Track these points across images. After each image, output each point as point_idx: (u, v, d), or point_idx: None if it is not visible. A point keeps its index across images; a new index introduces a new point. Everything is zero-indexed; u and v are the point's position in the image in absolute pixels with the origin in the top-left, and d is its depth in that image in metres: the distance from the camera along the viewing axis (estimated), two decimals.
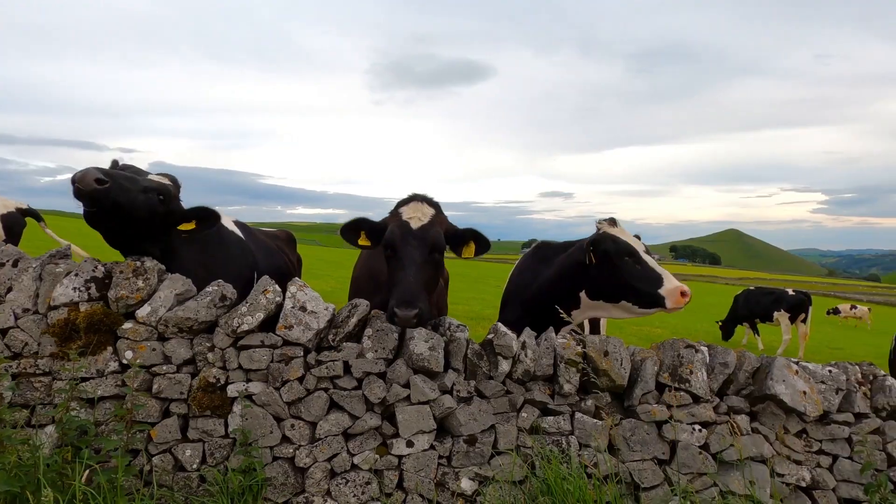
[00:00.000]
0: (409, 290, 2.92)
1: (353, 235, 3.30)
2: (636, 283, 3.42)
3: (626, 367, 3.24)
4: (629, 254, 3.47)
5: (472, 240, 3.32)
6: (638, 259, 3.45)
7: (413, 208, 3.21)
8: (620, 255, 3.51)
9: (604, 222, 3.61)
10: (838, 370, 3.36)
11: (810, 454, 3.28)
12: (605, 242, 3.60)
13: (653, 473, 3.14)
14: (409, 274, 2.98)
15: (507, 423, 3.19)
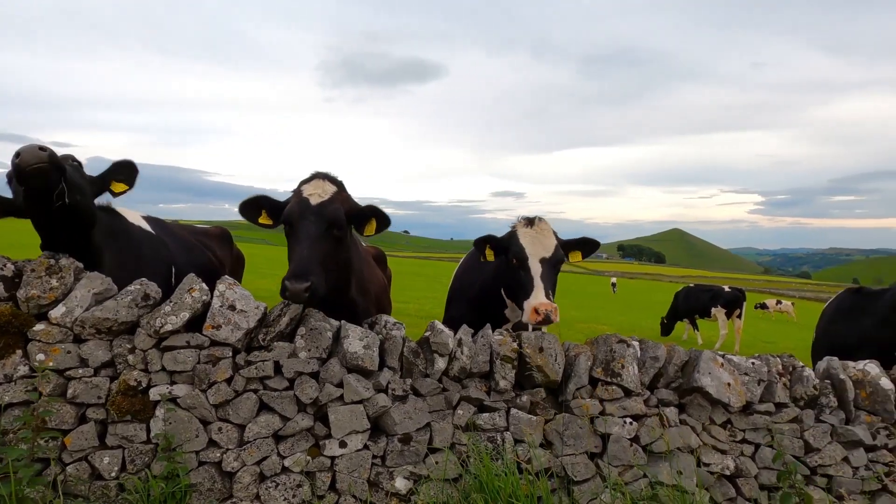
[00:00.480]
0: (302, 263, 2.86)
1: (253, 213, 3.24)
2: (516, 290, 3.47)
3: (560, 362, 3.28)
4: (517, 258, 3.48)
5: (374, 217, 3.28)
6: (523, 265, 3.45)
7: (314, 185, 3.16)
8: (510, 259, 3.53)
9: (521, 221, 3.63)
10: (761, 362, 3.50)
11: (734, 443, 3.40)
12: (501, 242, 3.64)
13: (585, 467, 3.19)
14: (303, 247, 2.93)
15: (442, 420, 3.17)
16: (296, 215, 3.06)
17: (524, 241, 3.51)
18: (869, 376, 3.62)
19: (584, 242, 3.76)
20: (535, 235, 3.52)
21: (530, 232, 3.54)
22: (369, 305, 3.68)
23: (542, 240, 3.52)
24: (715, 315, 15.93)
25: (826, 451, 3.43)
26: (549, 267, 3.47)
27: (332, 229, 3.09)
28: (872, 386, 3.58)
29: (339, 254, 3.16)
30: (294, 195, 3.20)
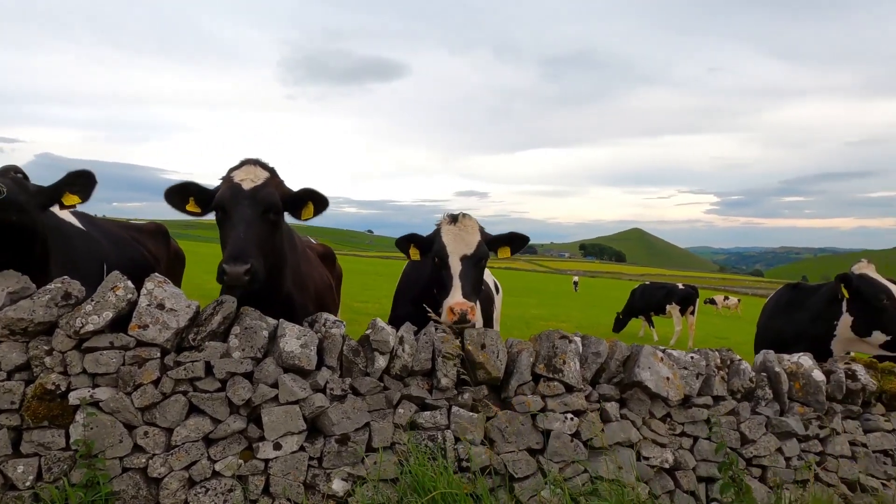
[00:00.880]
0: (239, 246, 2.79)
1: (179, 201, 3.11)
2: (438, 290, 3.42)
3: (502, 359, 3.26)
4: (438, 257, 3.44)
5: (310, 200, 3.20)
6: (444, 264, 3.40)
7: (245, 171, 3.07)
8: (432, 258, 3.50)
9: (445, 218, 3.59)
10: (699, 356, 3.56)
11: (674, 437, 3.45)
12: (424, 241, 3.61)
13: (526, 464, 3.18)
14: (239, 231, 2.86)
15: (383, 420, 3.11)
16: (229, 200, 2.97)
17: (446, 238, 3.45)
18: (802, 368, 3.72)
19: (512, 238, 3.73)
20: (457, 233, 3.46)
21: (453, 229, 3.48)
22: (307, 302, 3.59)
23: (464, 237, 3.46)
24: (670, 312, 16.31)
25: (761, 443, 3.51)
26: (471, 265, 3.41)
27: (268, 213, 3.02)
28: (805, 378, 3.68)
29: (274, 239, 3.10)
30: (224, 181, 3.09)
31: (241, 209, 2.93)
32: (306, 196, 3.20)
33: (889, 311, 3.97)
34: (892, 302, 3.96)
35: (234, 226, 2.89)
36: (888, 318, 3.97)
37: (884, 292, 4.01)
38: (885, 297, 4.01)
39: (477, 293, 3.48)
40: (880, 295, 4.03)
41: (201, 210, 3.13)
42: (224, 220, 2.98)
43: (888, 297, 4.00)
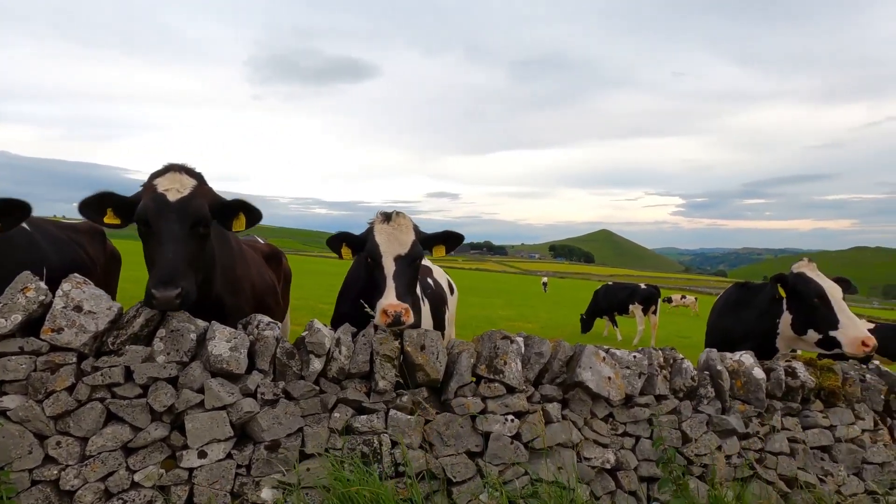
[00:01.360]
0: (169, 268, 2.62)
1: (95, 212, 2.87)
2: (372, 291, 3.33)
3: (442, 360, 3.19)
4: (371, 257, 3.36)
5: (242, 211, 3.05)
6: (377, 264, 3.32)
7: (170, 179, 2.86)
8: (365, 257, 3.42)
9: (378, 216, 3.50)
10: (642, 355, 3.54)
11: (616, 437, 3.42)
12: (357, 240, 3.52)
13: (465, 467, 3.11)
14: (168, 250, 2.67)
15: (317, 424, 3.01)
16: (153, 214, 2.76)
17: (379, 238, 3.37)
18: (743, 367, 3.74)
19: (447, 237, 3.67)
20: (391, 232, 3.38)
21: (386, 228, 3.40)
22: (243, 304, 3.45)
23: (398, 236, 3.38)
24: (632, 311, 16.53)
25: (702, 441, 3.51)
26: (405, 265, 3.33)
27: (198, 227, 2.84)
28: (746, 376, 3.71)
29: (205, 252, 2.93)
30: (146, 190, 2.88)
31: (168, 225, 2.73)
32: (238, 207, 3.04)
33: (820, 309, 4.03)
34: (824, 301, 4.02)
35: (161, 244, 2.70)
36: (820, 316, 4.03)
37: (815, 291, 4.07)
38: (816, 297, 4.07)
39: (412, 294, 3.40)
40: (812, 294, 4.09)
41: (121, 221, 2.91)
42: (148, 236, 2.78)
43: (818, 297, 4.06)
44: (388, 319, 3.13)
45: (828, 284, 4.06)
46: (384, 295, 3.24)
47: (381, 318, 3.16)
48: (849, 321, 3.94)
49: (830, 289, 4.03)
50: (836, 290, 4.03)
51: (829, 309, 3.99)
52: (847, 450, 3.78)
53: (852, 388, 3.91)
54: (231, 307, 3.33)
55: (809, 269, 4.16)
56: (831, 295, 4.02)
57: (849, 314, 3.97)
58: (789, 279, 4.25)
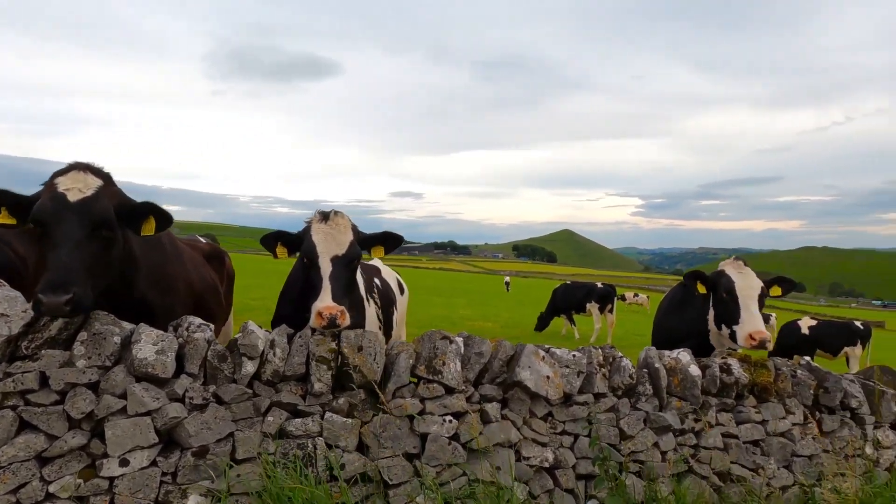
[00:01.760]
0: (61, 273, 2.47)
1: None
2: (308, 292, 3.27)
3: (379, 361, 3.15)
4: (308, 257, 3.31)
5: (151, 214, 2.93)
6: (314, 264, 3.26)
7: (72, 178, 2.71)
8: (302, 258, 3.36)
9: (316, 216, 3.45)
10: (582, 354, 3.58)
11: (555, 435, 3.44)
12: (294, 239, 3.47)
13: (402, 469, 3.08)
14: (62, 253, 2.52)
15: (250, 429, 2.92)
16: (50, 214, 2.59)
17: (316, 237, 3.31)
18: (680, 364, 3.82)
19: (386, 238, 3.63)
20: (329, 231, 3.32)
21: (324, 228, 3.34)
22: (175, 305, 3.34)
23: (336, 236, 3.33)
24: (589, 310, 16.80)
25: (639, 438, 3.57)
26: (343, 265, 3.28)
27: (100, 230, 2.68)
28: (683, 373, 3.78)
29: (111, 256, 2.77)
30: (46, 189, 2.72)
31: (65, 226, 2.57)
32: (147, 210, 2.90)
33: (729, 304, 4.15)
34: (732, 296, 4.14)
35: (56, 246, 2.54)
36: (728, 312, 4.16)
37: (725, 287, 4.19)
38: (725, 292, 4.19)
39: (350, 295, 3.34)
40: (722, 289, 4.21)
41: (16, 221, 2.74)
42: (44, 237, 2.61)
43: (727, 292, 4.17)
44: (323, 322, 3.07)
45: (741, 281, 4.13)
46: (319, 297, 3.19)
47: (316, 320, 3.10)
48: (748, 316, 4.04)
49: (742, 285, 4.11)
50: (749, 287, 4.10)
51: (735, 304, 4.11)
52: (778, 443, 3.90)
53: (784, 383, 4.04)
54: (161, 308, 3.22)
55: (733, 266, 4.25)
56: (740, 291, 4.11)
57: (751, 310, 4.05)
58: (710, 276, 4.37)
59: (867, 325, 13.06)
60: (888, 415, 4.25)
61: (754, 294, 4.09)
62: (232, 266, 5.25)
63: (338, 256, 3.32)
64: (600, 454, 3.32)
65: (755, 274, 4.20)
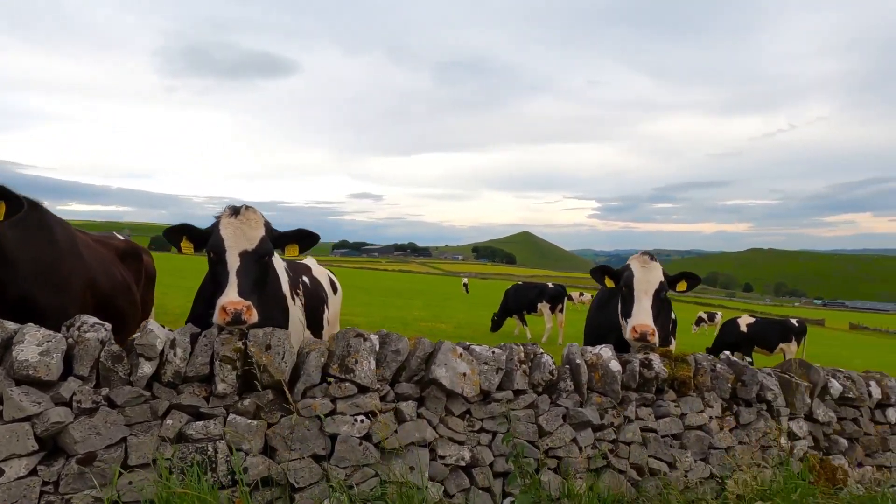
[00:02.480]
0: None
1: None
2: (214, 288, 3.18)
3: (288, 360, 3.03)
4: (214, 251, 3.19)
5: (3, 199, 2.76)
6: (220, 259, 3.15)
7: None
8: (208, 253, 3.25)
9: (226, 210, 3.32)
10: (501, 351, 3.55)
11: (472, 433, 3.40)
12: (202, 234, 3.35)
13: (310, 471, 2.97)
14: None
15: (145, 433, 2.77)
16: None
17: (224, 232, 3.19)
18: (601, 359, 3.84)
19: (301, 235, 3.53)
20: (238, 226, 3.20)
21: (234, 222, 3.22)
22: (69, 305, 3.15)
23: (245, 231, 3.21)
24: (541, 310, 16.95)
25: (557, 434, 3.56)
26: (252, 261, 3.17)
27: None
28: (604, 369, 3.80)
29: None
30: None
31: None
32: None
33: (627, 298, 4.20)
34: (630, 290, 4.18)
35: None
36: (626, 305, 4.22)
37: (624, 281, 4.23)
38: (624, 286, 4.25)
39: (257, 292, 3.22)
40: (622, 284, 4.26)
41: None
42: None
43: (626, 286, 4.23)
44: (227, 317, 2.95)
45: (641, 275, 4.14)
46: (225, 291, 3.07)
47: (220, 316, 2.98)
48: (637, 310, 4.06)
49: (641, 279, 4.13)
50: (647, 282, 4.12)
51: (631, 298, 4.15)
52: (695, 437, 3.97)
53: (703, 377, 4.11)
54: (52, 308, 3.03)
55: (639, 260, 4.26)
56: (637, 285, 4.13)
57: (642, 304, 4.07)
58: (617, 271, 4.42)
59: (802, 323, 13.60)
60: (802, 406, 4.38)
61: (650, 289, 4.12)
62: (153, 265, 5.03)
63: (247, 251, 3.21)
64: (513, 451, 3.29)
65: (661, 268, 4.23)
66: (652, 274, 4.16)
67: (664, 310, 6.25)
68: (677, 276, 4.42)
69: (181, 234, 3.32)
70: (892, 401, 4.80)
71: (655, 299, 4.11)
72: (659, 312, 4.23)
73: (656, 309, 4.12)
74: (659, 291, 4.14)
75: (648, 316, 4.01)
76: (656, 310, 4.12)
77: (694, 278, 4.47)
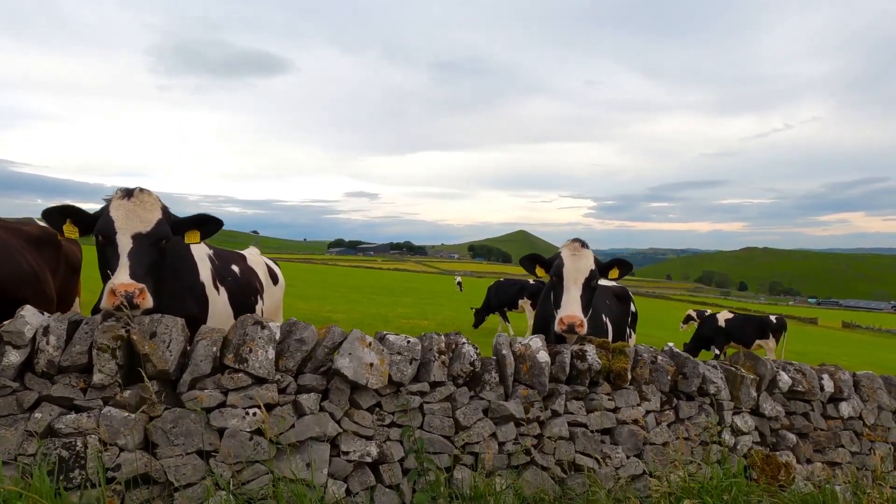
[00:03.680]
0: None
1: None
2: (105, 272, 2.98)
3: (174, 349, 2.83)
4: (103, 234, 2.99)
5: None
6: (110, 242, 2.95)
7: None
8: (96, 235, 3.04)
9: (117, 192, 3.12)
10: (417, 341, 3.35)
11: (382, 427, 3.19)
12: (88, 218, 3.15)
13: (193, 469, 2.77)
14: None
15: (9, 427, 2.57)
16: None
17: (115, 213, 2.98)
18: (530, 350, 3.64)
19: (202, 220, 3.33)
20: (131, 208, 2.99)
21: (126, 204, 3.01)
22: None
23: (139, 213, 3.01)
24: (522, 306, 16.76)
25: (475, 429, 3.36)
26: (147, 244, 2.97)
27: None
28: (531, 360, 3.60)
29: None
30: None
31: None
32: None
33: (557, 288, 3.95)
34: (559, 279, 3.95)
35: None
36: (557, 295, 3.98)
37: (554, 270, 3.98)
38: (554, 275, 4.02)
39: (153, 276, 3.00)
40: (553, 273, 4.02)
41: None
42: None
43: (556, 275, 3.99)
44: (116, 301, 2.75)
45: (571, 263, 3.92)
46: (115, 274, 2.86)
47: (108, 299, 2.77)
48: (566, 300, 3.86)
49: (571, 267, 3.91)
50: (576, 270, 3.90)
51: (561, 287, 3.95)
52: (629, 431, 3.76)
53: (642, 369, 3.92)
54: None
55: (569, 248, 4.02)
56: (567, 273, 3.91)
57: (571, 293, 3.86)
58: (549, 260, 4.20)
59: (781, 319, 13.42)
60: (747, 400, 4.18)
61: (580, 277, 3.91)
62: (78, 253, 4.80)
63: (141, 234, 3.00)
64: (413, 447, 3.09)
65: (592, 256, 4.01)
66: (582, 262, 3.94)
67: (622, 302, 6.06)
68: (609, 263, 4.21)
69: (64, 216, 3.10)
70: (844, 394, 4.61)
71: (586, 288, 3.90)
72: (591, 302, 4.02)
73: (587, 298, 3.92)
74: (590, 280, 3.93)
75: (577, 306, 3.81)
76: (587, 299, 3.91)
77: (626, 265, 4.26)
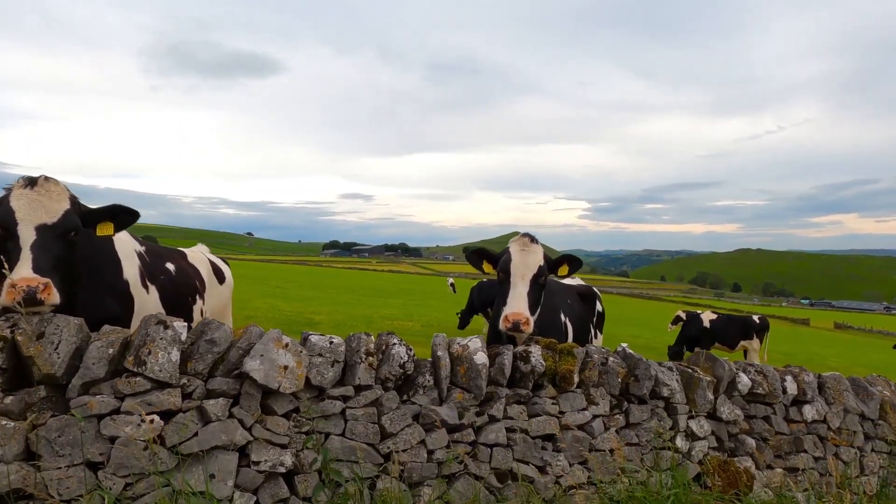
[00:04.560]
0: None
1: None
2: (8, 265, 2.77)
3: (63, 351, 2.60)
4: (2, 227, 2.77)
5: None
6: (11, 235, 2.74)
7: None
8: None
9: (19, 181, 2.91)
10: (341, 341, 3.13)
11: (300, 434, 2.97)
12: None
13: (79, 482, 2.54)
14: None
15: None
16: None
17: (16, 203, 2.77)
18: (468, 351, 3.43)
19: (115, 211, 3.12)
20: (35, 198, 2.78)
21: (29, 193, 2.80)
22: None
23: (44, 203, 2.80)
24: None
25: (402, 436, 3.14)
26: (53, 236, 2.78)
27: None
28: (469, 362, 3.39)
29: None
30: None
31: None
32: None
33: (504, 284, 3.79)
34: (507, 275, 3.78)
35: None
36: (503, 292, 3.81)
37: (502, 265, 3.83)
38: (502, 271, 3.85)
39: (59, 271, 2.79)
40: (500, 268, 3.87)
41: None
42: None
43: (503, 271, 3.83)
44: (18, 296, 2.54)
45: (519, 259, 3.75)
46: (17, 268, 2.65)
47: (7, 295, 2.57)
48: (511, 297, 3.67)
49: (518, 263, 3.73)
50: (524, 266, 3.70)
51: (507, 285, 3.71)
52: (573, 438, 3.55)
53: (591, 371, 3.71)
54: None
55: (518, 243, 3.86)
56: (514, 269, 3.72)
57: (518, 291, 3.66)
58: (496, 255, 4.02)
59: (764, 320, 13.29)
60: (704, 403, 3.98)
61: (528, 273, 3.72)
62: None
63: (45, 225, 2.80)
64: (316, 457, 2.87)
65: (542, 252, 3.84)
66: (530, 258, 3.75)
67: (586, 302, 5.85)
68: (559, 259, 4.02)
69: None
70: (808, 397, 4.42)
71: (534, 285, 3.71)
72: (539, 299, 3.82)
73: (535, 296, 3.72)
74: (538, 276, 3.74)
75: (523, 303, 3.61)
76: (535, 296, 3.72)
77: (575, 262, 4.07)
